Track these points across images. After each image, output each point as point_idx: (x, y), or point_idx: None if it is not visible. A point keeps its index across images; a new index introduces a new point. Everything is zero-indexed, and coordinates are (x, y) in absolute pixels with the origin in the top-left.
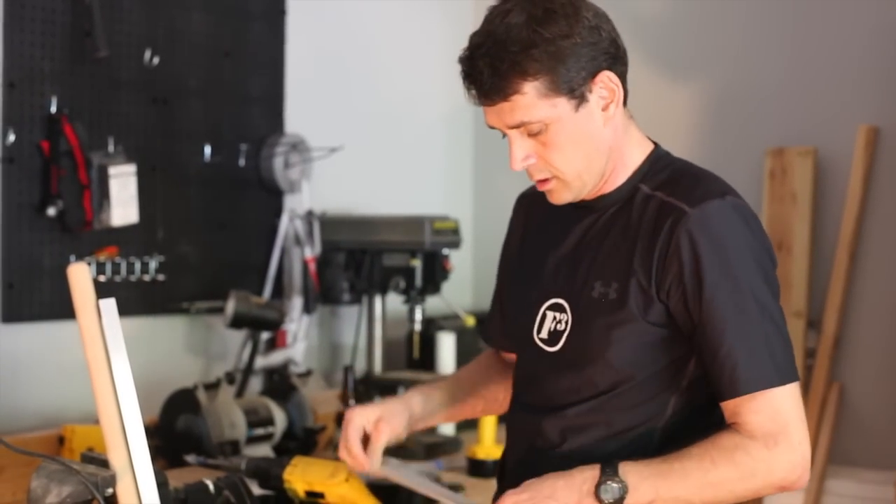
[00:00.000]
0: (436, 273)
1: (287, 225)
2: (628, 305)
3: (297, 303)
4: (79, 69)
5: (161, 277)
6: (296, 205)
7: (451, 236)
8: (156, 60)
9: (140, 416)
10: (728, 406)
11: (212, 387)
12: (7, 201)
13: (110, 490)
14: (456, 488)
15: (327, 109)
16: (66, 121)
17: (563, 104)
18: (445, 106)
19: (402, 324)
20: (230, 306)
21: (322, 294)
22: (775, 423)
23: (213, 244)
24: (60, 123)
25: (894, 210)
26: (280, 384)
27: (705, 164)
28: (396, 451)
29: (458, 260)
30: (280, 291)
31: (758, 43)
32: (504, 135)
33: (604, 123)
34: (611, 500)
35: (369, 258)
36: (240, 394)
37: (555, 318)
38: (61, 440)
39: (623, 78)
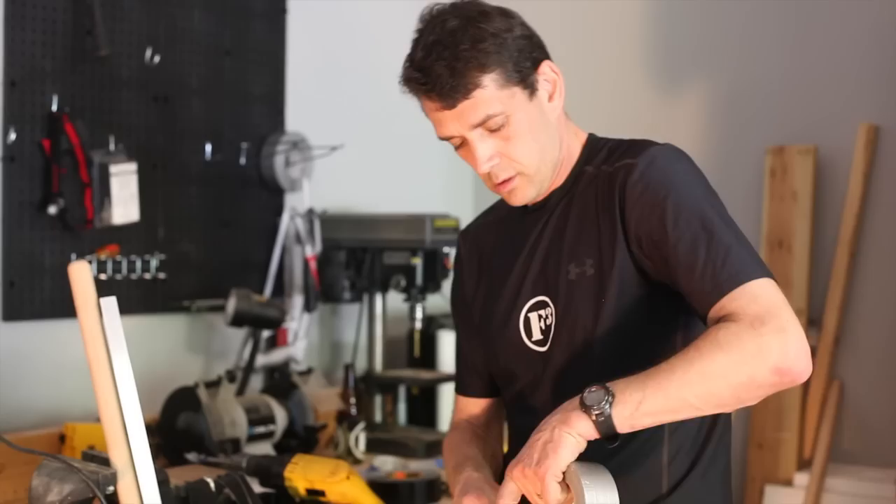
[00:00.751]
0: (436, 271)
1: (288, 223)
2: (608, 274)
3: (297, 301)
4: (80, 67)
5: (162, 276)
6: (296, 203)
7: (452, 234)
8: (157, 59)
9: (141, 414)
10: (713, 315)
11: (213, 385)
12: (8, 200)
13: (111, 488)
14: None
15: (328, 108)
16: (67, 119)
17: (518, 94)
18: None
19: (403, 322)
20: (231, 304)
21: (323, 292)
22: (759, 306)
23: (214, 242)
24: (61, 122)
25: (894, 208)
26: (281, 382)
27: (706, 162)
28: (395, 448)
29: None
30: (281, 290)
31: (758, 41)
32: (459, 146)
33: (551, 113)
34: (596, 406)
35: (370, 256)
36: (241, 392)
37: (540, 316)
38: (62, 438)
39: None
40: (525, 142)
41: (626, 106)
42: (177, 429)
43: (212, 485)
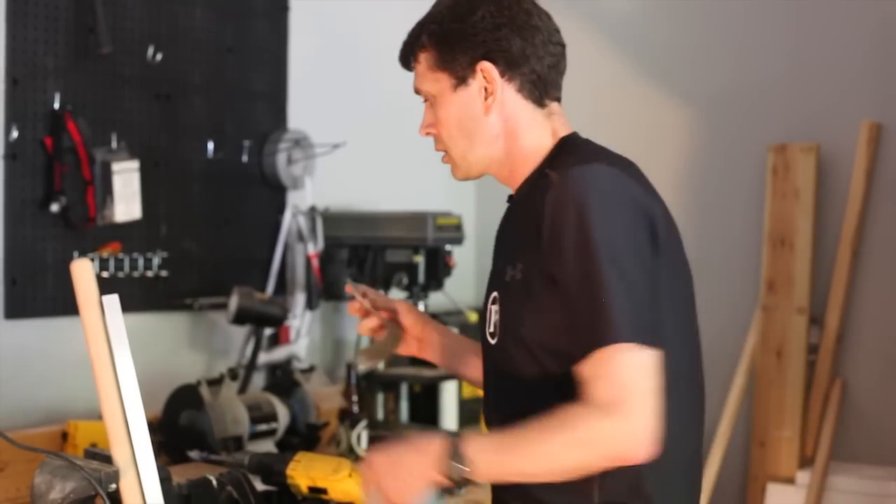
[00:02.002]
0: (438, 269)
1: (290, 221)
2: (530, 281)
3: (299, 299)
4: (82, 65)
5: (164, 273)
6: (299, 201)
7: (454, 232)
8: (159, 57)
9: (143, 411)
10: (577, 369)
11: (215, 383)
12: (10, 197)
13: (113, 486)
14: None
15: (330, 106)
16: (69, 117)
17: (445, 81)
18: None
19: None
20: (233, 302)
21: (325, 290)
22: (616, 390)
23: (216, 240)
24: (64, 119)
25: None
26: (283, 380)
27: (708, 161)
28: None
29: (461, 256)
30: (283, 287)
31: (760, 39)
32: None
33: (485, 111)
34: (456, 477)
35: (372, 254)
36: (243, 390)
37: (494, 310)
38: (65, 436)
39: (527, 80)
40: (446, 127)
41: (628, 104)
42: (179, 426)
43: (214, 482)
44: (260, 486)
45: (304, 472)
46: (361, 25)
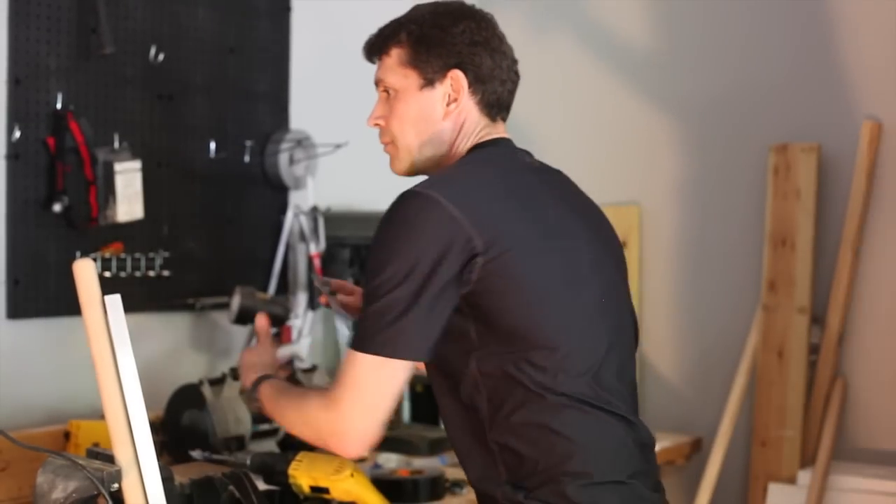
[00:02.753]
0: None
1: (292, 221)
2: None
3: (301, 299)
4: (84, 65)
5: (166, 273)
6: (300, 201)
7: None
8: (161, 57)
9: (145, 411)
10: None
11: (217, 382)
12: (13, 197)
13: (116, 485)
14: None
15: (332, 106)
16: (71, 117)
17: (412, 78)
18: None
19: None
20: (235, 302)
21: None
22: (343, 385)
23: (218, 240)
24: (66, 120)
25: None
26: (285, 380)
27: (709, 161)
28: (399, 445)
29: None
30: (285, 287)
31: (761, 39)
32: None
33: (443, 116)
34: (249, 403)
35: None
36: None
37: None
38: (67, 436)
39: (486, 97)
40: (399, 120)
41: (629, 105)
42: (181, 426)
43: (216, 482)
44: (262, 485)
45: (305, 471)
46: (363, 25)
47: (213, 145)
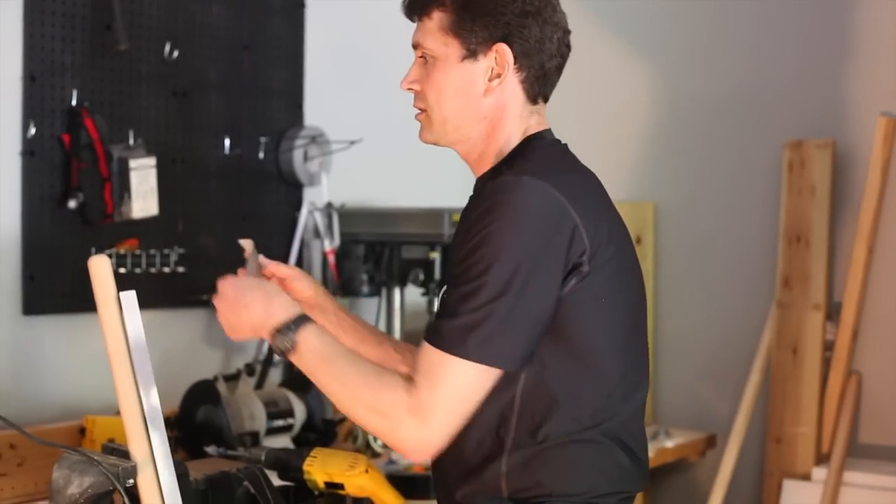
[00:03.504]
0: None
1: (306, 217)
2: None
3: None
4: (99, 62)
5: (181, 269)
6: (315, 197)
7: None
8: (176, 53)
9: (160, 407)
10: (418, 351)
11: (232, 378)
12: (28, 194)
13: (131, 481)
14: None
15: (346, 102)
16: (86, 114)
17: (453, 47)
18: None
19: (421, 316)
20: None
21: (341, 286)
22: (434, 390)
23: (232, 236)
24: (81, 116)
25: None
26: (299, 376)
27: (724, 157)
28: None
29: None
30: None
31: (776, 35)
32: None
33: (484, 92)
34: (280, 346)
35: (388, 250)
36: (259, 385)
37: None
38: (82, 431)
39: (532, 74)
40: (436, 89)
41: (644, 102)
42: (196, 422)
43: (231, 478)
44: (277, 481)
45: (320, 467)
46: (377, 22)
47: (227, 142)
